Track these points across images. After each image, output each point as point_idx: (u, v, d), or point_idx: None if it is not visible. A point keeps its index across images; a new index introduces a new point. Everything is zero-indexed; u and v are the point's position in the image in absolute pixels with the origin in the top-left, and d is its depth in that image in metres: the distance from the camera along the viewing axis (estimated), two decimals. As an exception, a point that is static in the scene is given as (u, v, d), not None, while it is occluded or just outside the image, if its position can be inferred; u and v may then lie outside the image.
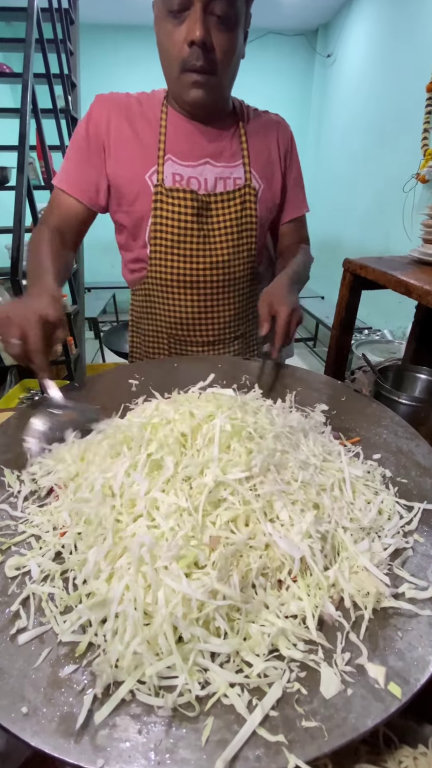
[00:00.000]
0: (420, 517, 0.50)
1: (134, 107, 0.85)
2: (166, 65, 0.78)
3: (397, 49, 2.89)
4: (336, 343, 0.95)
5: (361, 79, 3.48)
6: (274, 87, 4.46)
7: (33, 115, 1.88)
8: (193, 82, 0.76)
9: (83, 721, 0.30)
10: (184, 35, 0.71)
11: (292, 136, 0.96)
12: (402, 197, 2.47)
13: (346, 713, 0.31)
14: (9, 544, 0.45)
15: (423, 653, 0.35)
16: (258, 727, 0.30)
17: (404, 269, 0.75)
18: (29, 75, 1.83)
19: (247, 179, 0.88)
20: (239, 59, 0.80)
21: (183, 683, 0.32)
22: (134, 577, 0.37)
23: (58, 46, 2.35)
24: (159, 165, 0.84)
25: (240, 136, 0.89)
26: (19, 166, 1.73)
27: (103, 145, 0.84)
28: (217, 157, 0.87)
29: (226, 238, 0.89)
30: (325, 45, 4.18)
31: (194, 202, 0.84)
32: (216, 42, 0.72)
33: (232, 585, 0.37)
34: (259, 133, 0.91)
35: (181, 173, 0.85)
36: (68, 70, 2.59)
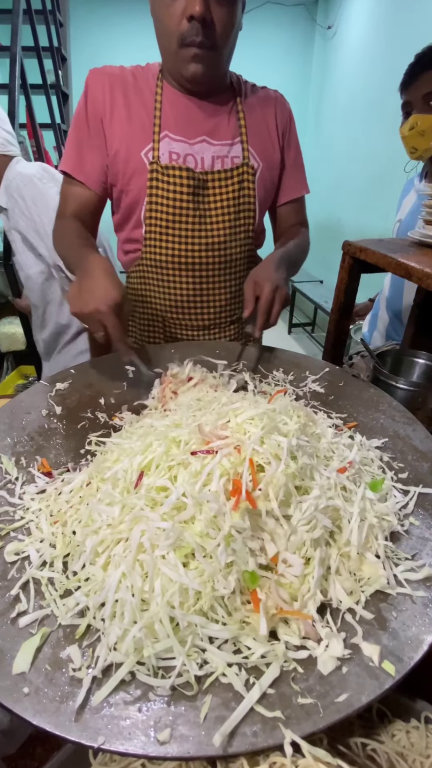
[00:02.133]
0: (416, 501, 0.51)
1: (129, 81, 0.82)
2: (163, 39, 0.75)
3: (400, 21, 2.78)
4: (335, 327, 0.94)
5: (362, 53, 3.35)
6: (272, 60, 4.29)
7: (22, 91, 1.81)
8: (193, 56, 0.73)
9: (84, 701, 0.31)
10: (182, 8, 0.69)
11: (291, 114, 0.93)
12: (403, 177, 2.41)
13: (341, 690, 0.32)
14: (8, 530, 0.46)
15: (416, 632, 0.36)
16: (255, 704, 0.31)
17: (405, 252, 0.74)
18: (17, 48, 1.75)
19: (245, 157, 0.86)
20: (238, 30, 0.77)
21: (181, 664, 0.33)
22: (131, 565, 0.38)
23: (47, 16, 2.25)
24: (155, 142, 0.81)
25: (238, 112, 0.86)
26: (10, 146, 1.67)
27: (101, 121, 0.81)
28: (215, 134, 0.84)
29: (223, 218, 0.86)
30: (326, 16, 4.01)
31: (191, 180, 0.82)
32: (216, 16, 0.70)
33: (231, 576, 0.37)
34: (257, 110, 0.88)
35: (178, 151, 0.82)
36: (58, 42, 2.48)
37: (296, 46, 4.31)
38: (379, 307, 1.38)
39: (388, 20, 2.94)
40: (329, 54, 4.01)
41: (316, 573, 0.39)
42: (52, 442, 0.60)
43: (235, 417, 0.49)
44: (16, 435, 0.61)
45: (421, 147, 1.02)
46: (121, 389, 0.73)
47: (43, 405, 0.68)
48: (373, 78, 3.19)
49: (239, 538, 0.38)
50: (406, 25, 2.70)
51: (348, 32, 3.60)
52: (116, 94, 0.81)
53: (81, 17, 3.65)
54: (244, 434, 0.47)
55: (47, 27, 2.29)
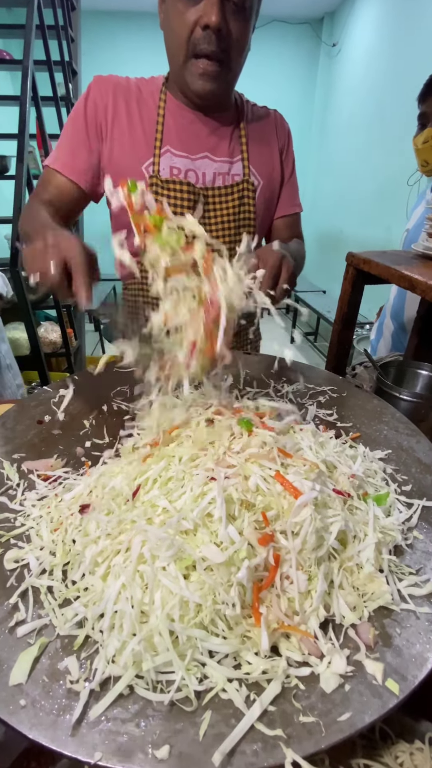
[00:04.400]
0: (419, 514, 0.50)
1: (133, 91, 0.82)
2: (173, 48, 0.74)
3: (404, 39, 2.83)
4: (337, 338, 0.94)
5: (366, 70, 3.42)
6: (278, 76, 4.38)
7: (33, 103, 1.85)
8: (202, 72, 0.72)
9: (81, 714, 0.30)
10: (197, 17, 0.67)
11: (289, 133, 0.94)
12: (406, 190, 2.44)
13: (343, 709, 0.31)
14: (8, 537, 0.45)
15: (421, 650, 0.35)
16: (256, 721, 0.30)
17: (408, 264, 0.75)
18: (29, 62, 1.79)
19: (245, 175, 0.86)
20: (247, 53, 0.77)
21: (180, 679, 0.32)
22: (131, 576, 0.37)
23: (59, 32, 2.31)
24: (155, 156, 0.81)
25: (240, 131, 0.86)
26: (19, 155, 1.70)
27: (101, 128, 0.80)
28: (217, 151, 0.84)
29: (224, 233, 0.87)
30: (331, 34, 4.10)
31: (191, 195, 0.82)
32: (231, 29, 0.69)
33: (232, 589, 0.36)
34: (258, 129, 0.89)
35: (180, 166, 0.83)
36: (69, 57, 2.54)
37: (301, 63, 4.41)
38: (386, 316, 1.39)
39: (391, 38, 3.00)
40: (334, 71, 4.09)
41: (320, 588, 0.38)
42: (55, 448, 0.60)
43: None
44: (18, 440, 0.61)
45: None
46: (125, 396, 0.73)
47: (46, 411, 0.68)
48: (376, 94, 3.25)
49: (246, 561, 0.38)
50: (410, 44, 2.76)
51: (352, 50, 3.68)
52: (119, 103, 0.81)
53: (92, 33, 3.74)
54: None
55: (59, 42, 2.35)
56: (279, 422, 0.55)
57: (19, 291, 1.66)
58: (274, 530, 0.41)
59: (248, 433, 0.51)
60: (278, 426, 0.54)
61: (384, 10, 3.11)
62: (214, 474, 0.44)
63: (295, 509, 0.41)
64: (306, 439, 0.53)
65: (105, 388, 0.75)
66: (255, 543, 0.39)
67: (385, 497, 0.49)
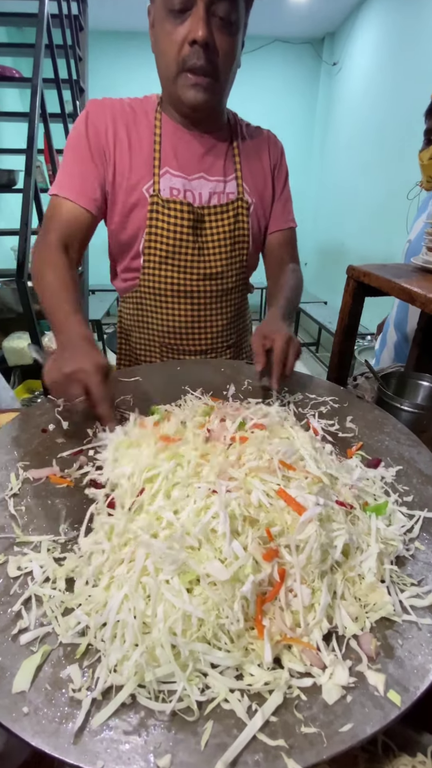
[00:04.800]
0: (421, 525, 0.50)
1: (129, 114, 0.84)
2: (164, 66, 0.76)
3: (403, 58, 2.91)
4: (338, 349, 0.95)
5: (366, 88, 3.50)
6: (279, 94, 4.51)
7: (41, 120, 1.91)
8: (193, 83, 0.74)
9: (84, 723, 0.30)
10: (184, 34, 0.70)
11: (282, 151, 0.97)
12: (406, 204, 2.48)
13: (345, 720, 0.31)
14: (11, 544, 0.46)
15: (423, 661, 0.35)
16: (257, 732, 0.30)
17: (408, 277, 0.76)
18: (39, 80, 1.85)
19: (239, 193, 0.89)
20: (237, 67, 0.80)
21: (182, 689, 0.32)
22: (134, 587, 0.37)
23: (67, 51, 2.38)
24: (155, 176, 0.83)
25: (234, 150, 0.89)
26: (27, 169, 1.75)
27: (104, 151, 0.82)
28: (212, 170, 0.87)
29: (220, 250, 0.89)
30: (331, 53, 4.22)
31: (191, 215, 0.84)
32: (218, 44, 0.71)
33: (236, 604, 0.36)
34: (251, 148, 0.91)
35: (178, 187, 0.85)
36: (77, 75, 2.62)
37: (303, 82, 4.53)
38: (389, 326, 1.41)
39: (390, 58, 3.08)
40: (334, 89, 4.20)
41: (323, 601, 0.38)
42: (58, 457, 0.61)
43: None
44: (23, 449, 0.62)
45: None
46: (128, 405, 0.74)
47: (51, 420, 0.69)
48: (376, 111, 3.33)
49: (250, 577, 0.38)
50: (408, 63, 2.84)
51: (352, 68, 3.78)
52: (118, 127, 0.82)
53: (99, 52, 3.87)
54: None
55: (67, 61, 2.43)
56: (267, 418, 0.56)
57: (25, 302, 1.68)
58: (278, 545, 0.41)
59: (241, 440, 0.51)
60: (268, 422, 0.54)
61: (383, 31, 3.20)
62: (215, 487, 0.45)
63: (299, 526, 0.41)
64: (305, 447, 0.54)
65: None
66: (260, 559, 0.39)
67: (384, 506, 0.49)
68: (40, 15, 1.94)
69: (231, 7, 0.69)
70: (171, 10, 0.69)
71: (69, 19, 2.44)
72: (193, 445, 0.52)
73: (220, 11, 0.69)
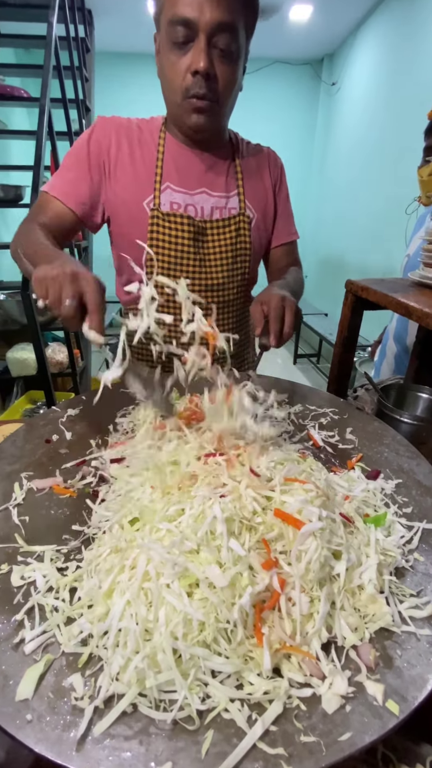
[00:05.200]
0: (420, 536, 0.51)
1: (134, 131, 0.88)
2: (169, 93, 0.81)
3: (400, 78, 3.00)
4: (338, 360, 0.97)
5: (364, 107, 3.60)
6: (280, 113, 4.64)
7: (48, 137, 1.96)
8: (195, 108, 0.78)
9: (86, 731, 0.31)
10: (187, 65, 0.74)
11: (282, 167, 1.00)
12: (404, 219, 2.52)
13: (344, 729, 0.31)
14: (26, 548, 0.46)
15: (421, 671, 0.35)
16: (257, 741, 0.31)
17: (405, 291, 0.78)
18: (46, 100, 1.91)
19: (241, 208, 0.91)
20: (238, 91, 0.84)
21: (183, 698, 0.33)
22: (136, 593, 0.38)
23: (74, 72, 2.46)
24: (156, 190, 0.86)
25: (236, 167, 0.92)
26: (34, 185, 1.79)
27: (104, 165, 0.85)
28: (214, 186, 0.90)
29: (222, 263, 0.91)
30: (330, 74, 4.34)
31: (191, 227, 0.87)
32: (218, 73, 0.75)
33: (237, 608, 0.37)
34: (252, 165, 0.94)
35: (179, 201, 0.87)
36: (83, 95, 2.70)
37: (302, 101, 4.67)
38: (388, 338, 1.42)
39: (388, 77, 3.18)
40: (333, 108, 4.31)
41: (322, 610, 0.38)
42: (61, 467, 0.62)
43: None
44: (27, 459, 0.63)
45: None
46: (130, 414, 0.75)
47: (54, 430, 0.70)
48: (373, 129, 3.41)
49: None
50: (404, 83, 2.92)
51: (351, 88, 3.89)
52: (122, 143, 0.86)
53: (105, 73, 3.98)
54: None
55: (74, 81, 2.51)
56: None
57: (29, 313, 1.70)
58: (276, 557, 0.41)
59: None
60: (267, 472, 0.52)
61: (380, 52, 3.30)
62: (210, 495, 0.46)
63: (299, 538, 0.41)
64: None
65: (111, 408, 0.77)
66: (258, 567, 0.40)
67: (383, 518, 0.50)
68: (48, 37, 2.02)
69: (231, 38, 0.73)
70: (175, 42, 0.73)
71: (76, 42, 2.53)
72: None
73: (220, 43, 0.73)
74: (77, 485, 0.58)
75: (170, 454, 0.56)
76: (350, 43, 3.83)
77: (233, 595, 0.38)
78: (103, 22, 3.30)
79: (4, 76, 2.34)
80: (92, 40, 3.01)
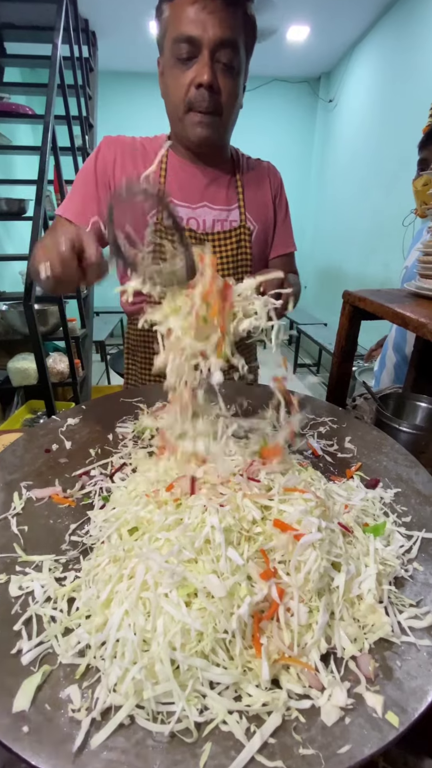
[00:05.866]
0: (419, 546, 0.51)
1: (139, 149, 0.91)
2: (172, 107, 0.83)
3: (394, 94, 3.08)
4: (337, 370, 0.97)
5: (360, 122, 3.68)
6: (279, 129, 4.77)
7: (52, 153, 2.01)
8: (198, 121, 0.81)
9: (83, 743, 0.30)
10: (191, 78, 0.77)
11: (281, 181, 1.02)
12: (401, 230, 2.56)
13: (343, 741, 0.31)
14: (25, 558, 0.46)
15: (421, 683, 0.35)
16: (256, 753, 0.30)
17: (401, 302, 0.79)
18: (50, 117, 1.96)
19: (242, 220, 0.93)
20: (239, 108, 0.86)
21: (181, 710, 0.33)
22: (134, 603, 0.38)
23: (77, 90, 2.53)
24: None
25: (236, 181, 0.94)
26: (37, 199, 1.82)
27: (109, 184, 0.88)
28: (215, 200, 0.92)
29: (224, 273, 0.93)
30: (327, 91, 4.46)
31: (193, 240, 0.89)
32: (221, 86, 0.78)
33: (235, 618, 0.37)
34: (253, 181, 0.97)
35: (181, 215, 0.90)
36: (86, 112, 2.77)
37: (300, 117, 4.81)
38: (388, 347, 1.44)
39: (383, 94, 3.26)
40: (330, 124, 4.42)
41: (321, 620, 0.38)
42: (61, 476, 0.62)
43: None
44: (27, 468, 0.63)
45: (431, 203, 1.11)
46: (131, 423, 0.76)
47: (54, 440, 0.70)
48: (370, 143, 3.49)
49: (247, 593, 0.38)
50: (399, 99, 3.00)
51: (347, 105, 3.99)
52: (126, 162, 0.88)
53: (108, 91, 4.09)
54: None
55: (77, 99, 2.58)
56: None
57: (31, 324, 1.72)
58: (275, 567, 0.41)
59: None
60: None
61: (375, 70, 3.40)
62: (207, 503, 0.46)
63: (298, 549, 0.41)
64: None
65: (111, 417, 0.78)
66: (256, 577, 0.40)
67: (382, 527, 0.50)
68: (53, 57, 2.08)
69: (233, 54, 0.77)
70: (179, 58, 0.76)
71: (80, 61, 2.61)
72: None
73: (223, 58, 0.76)
74: (76, 495, 0.58)
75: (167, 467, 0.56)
76: (346, 61, 3.94)
77: (231, 605, 0.38)
78: (106, 42, 3.40)
79: (10, 94, 2.40)
80: (96, 60, 3.11)
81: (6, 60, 2.58)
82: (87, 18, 2.94)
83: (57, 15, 2.12)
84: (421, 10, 2.71)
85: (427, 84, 2.62)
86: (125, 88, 4.37)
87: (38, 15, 2.26)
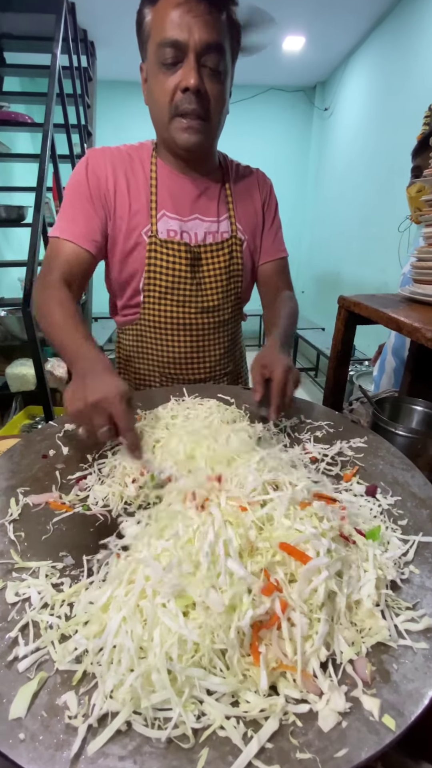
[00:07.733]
0: (416, 549, 0.51)
1: (126, 161, 0.87)
2: (158, 113, 0.81)
3: (389, 102, 3.13)
4: (333, 374, 0.98)
5: (356, 130, 3.74)
6: (276, 137, 4.84)
7: (51, 161, 2.03)
8: (186, 126, 0.79)
9: (80, 750, 0.30)
10: (176, 83, 0.75)
11: (271, 187, 1.02)
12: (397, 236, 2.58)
13: (340, 745, 0.31)
14: (22, 564, 0.46)
15: (418, 686, 0.35)
16: (253, 758, 0.30)
17: (395, 307, 0.79)
18: (50, 126, 1.98)
19: (233, 231, 0.94)
20: (226, 113, 0.85)
21: (178, 716, 0.32)
22: (132, 610, 0.38)
23: (76, 99, 2.56)
24: (152, 217, 0.87)
25: (226, 190, 0.94)
26: (36, 206, 1.84)
27: (105, 198, 0.85)
28: (206, 212, 0.92)
29: (217, 284, 0.94)
30: (323, 99, 4.53)
31: (187, 254, 0.89)
32: (208, 90, 0.77)
33: (234, 629, 0.36)
34: (242, 189, 0.97)
35: (175, 228, 0.89)
36: (85, 120, 2.80)
37: (296, 126, 4.88)
38: (387, 352, 1.45)
39: (378, 102, 3.31)
40: (326, 132, 4.49)
41: (321, 630, 0.38)
42: (58, 483, 0.62)
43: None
44: (23, 474, 0.63)
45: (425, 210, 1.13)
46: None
47: (51, 446, 0.71)
48: (365, 151, 3.53)
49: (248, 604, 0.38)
50: (394, 107, 3.04)
51: (342, 113, 4.04)
52: (118, 174, 0.86)
53: (106, 100, 4.14)
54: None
55: (76, 108, 2.61)
56: None
57: (30, 330, 1.73)
58: (278, 579, 0.41)
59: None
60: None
61: (369, 79, 3.45)
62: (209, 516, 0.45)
63: (305, 573, 0.40)
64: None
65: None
66: (257, 591, 0.39)
67: (377, 531, 0.50)
68: (53, 67, 2.11)
69: (219, 58, 0.76)
70: (164, 63, 0.75)
71: (79, 71, 2.64)
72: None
73: (209, 62, 0.75)
74: (73, 501, 0.58)
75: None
76: (341, 70, 4.01)
77: (231, 618, 0.37)
78: (104, 52, 3.45)
79: (9, 103, 2.43)
80: (94, 69, 3.14)
81: (6, 69, 2.61)
82: (86, 28, 2.98)
83: (56, 25, 2.16)
84: (414, 21, 2.76)
85: (420, 93, 2.67)
86: (123, 96, 4.42)
87: (38, 25, 2.29)
